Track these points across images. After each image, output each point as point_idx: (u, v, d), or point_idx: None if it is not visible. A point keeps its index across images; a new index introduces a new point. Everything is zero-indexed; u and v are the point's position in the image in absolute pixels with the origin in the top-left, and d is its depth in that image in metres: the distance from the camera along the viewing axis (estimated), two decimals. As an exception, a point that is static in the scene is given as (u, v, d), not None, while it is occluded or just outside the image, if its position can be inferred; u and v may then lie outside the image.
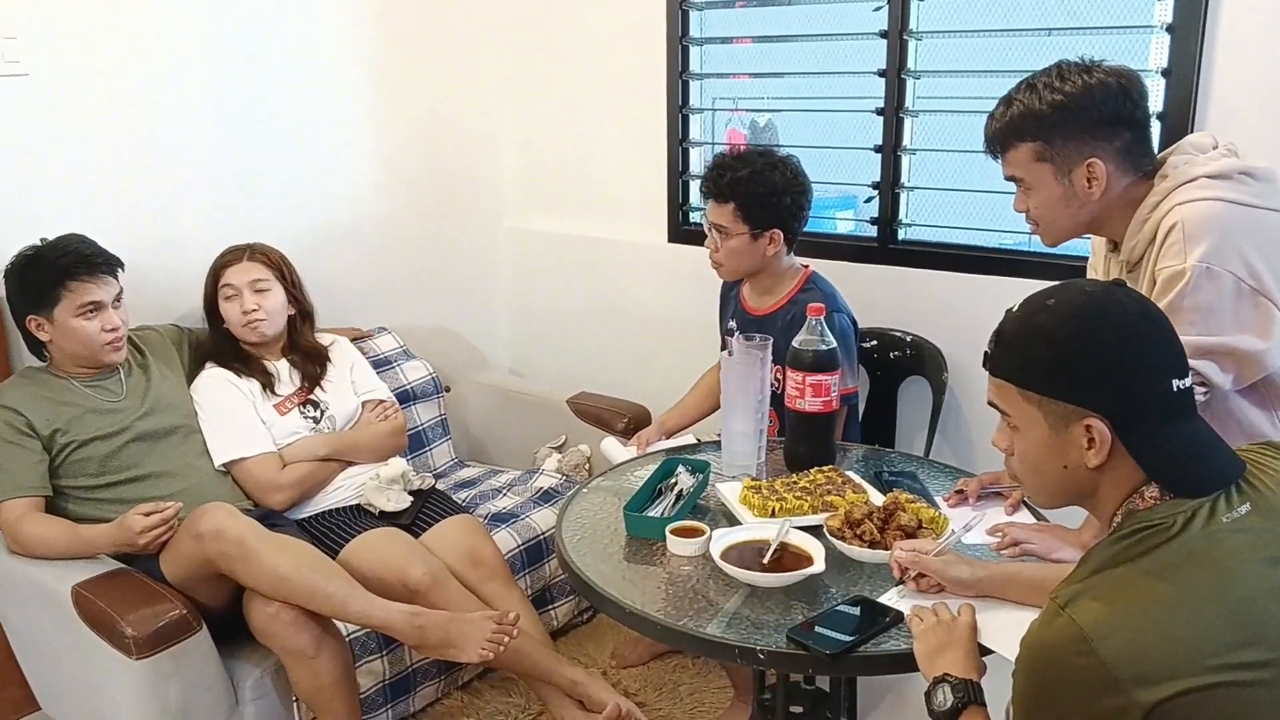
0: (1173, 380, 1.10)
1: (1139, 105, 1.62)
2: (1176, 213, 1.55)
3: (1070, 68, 1.62)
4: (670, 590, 1.60)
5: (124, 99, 2.41)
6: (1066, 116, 1.59)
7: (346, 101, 2.92)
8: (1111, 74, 1.60)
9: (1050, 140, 1.61)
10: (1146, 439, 1.11)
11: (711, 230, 2.29)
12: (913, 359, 2.57)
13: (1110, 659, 0.98)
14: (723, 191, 2.24)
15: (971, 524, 1.69)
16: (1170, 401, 1.10)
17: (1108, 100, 1.59)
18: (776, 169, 2.23)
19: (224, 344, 2.40)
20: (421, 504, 2.42)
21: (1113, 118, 1.60)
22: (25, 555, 2.02)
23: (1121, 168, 1.61)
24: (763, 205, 2.22)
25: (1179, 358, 1.12)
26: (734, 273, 2.35)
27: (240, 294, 2.36)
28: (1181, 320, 1.49)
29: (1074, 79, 1.60)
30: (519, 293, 3.48)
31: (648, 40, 2.94)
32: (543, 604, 2.55)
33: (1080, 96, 1.59)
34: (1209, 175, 1.58)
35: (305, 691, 2.02)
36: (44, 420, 2.08)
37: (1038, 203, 1.67)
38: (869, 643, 1.43)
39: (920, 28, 2.50)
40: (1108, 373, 1.10)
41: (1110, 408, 1.10)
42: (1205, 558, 1.04)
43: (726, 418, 2.00)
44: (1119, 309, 1.12)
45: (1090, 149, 1.60)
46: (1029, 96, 1.63)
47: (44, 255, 2.11)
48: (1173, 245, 1.53)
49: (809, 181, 2.30)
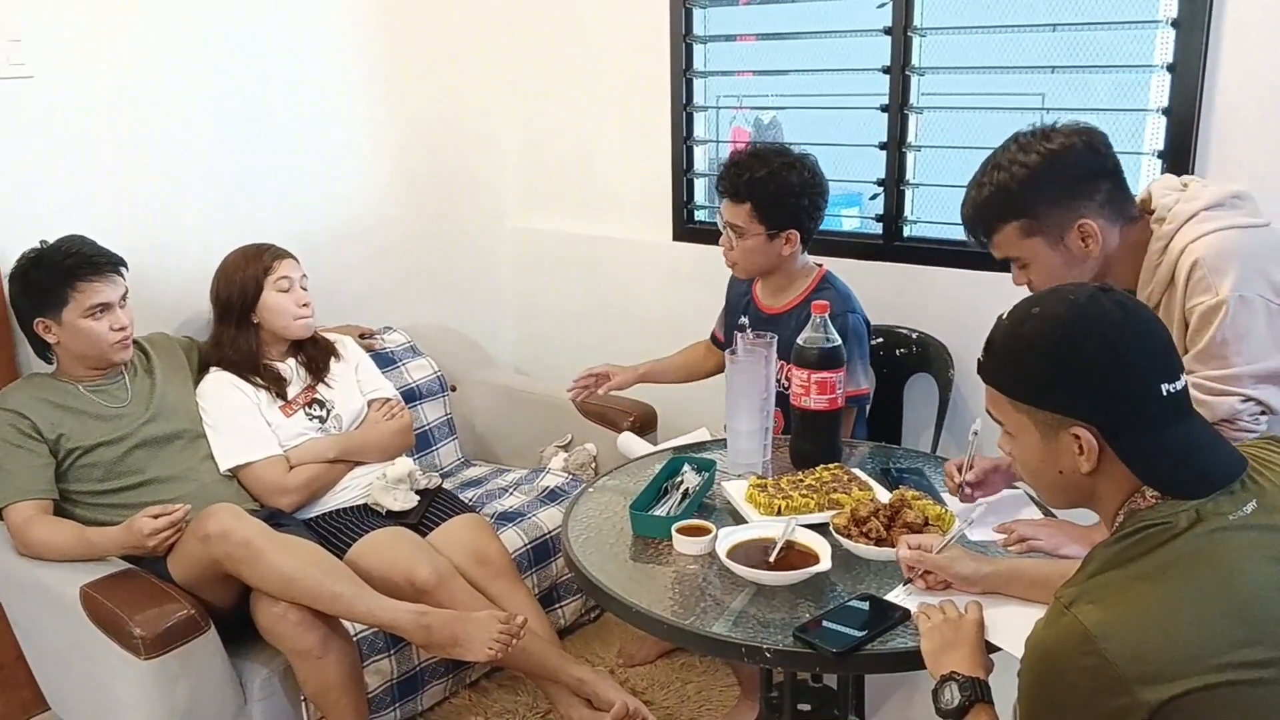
0: (1161, 385, 1.09)
1: (1108, 155, 1.64)
2: (1191, 251, 1.56)
3: (1028, 139, 1.63)
4: (676, 589, 1.60)
5: (126, 101, 2.42)
6: (1043, 186, 1.60)
7: (348, 101, 2.92)
8: (1071, 134, 1.62)
9: (1034, 214, 1.62)
10: (1136, 445, 1.11)
11: (726, 229, 2.25)
12: (919, 356, 2.57)
13: (1115, 659, 0.98)
14: (739, 191, 2.20)
15: (972, 516, 1.69)
16: (1161, 407, 1.09)
17: (1078, 160, 1.60)
18: (794, 169, 2.20)
19: (245, 345, 2.35)
20: (428, 503, 2.42)
21: (1088, 174, 1.61)
22: (33, 558, 2.02)
23: (1110, 218, 1.63)
24: (780, 206, 2.19)
25: (1168, 362, 1.11)
26: (748, 271, 2.33)
27: (294, 287, 2.37)
28: (1228, 351, 1.52)
29: (1037, 148, 1.61)
30: (523, 291, 3.48)
31: (651, 38, 2.94)
32: (549, 603, 2.55)
33: (1050, 163, 1.60)
34: (1206, 207, 1.59)
35: (313, 691, 2.02)
36: (49, 424, 2.08)
37: (1038, 274, 1.68)
38: (876, 640, 1.43)
39: (924, 24, 2.49)
40: (1091, 382, 1.10)
41: (1096, 416, 1.11)
42: (1209, 556, 1.04)
43: (732, 416, 2.00)
44: (1102, 316, 1.11)
45: (1076, 210, 1.61)
46: (998, 176, 1.63)
47: (49, 257, 2.11)
48: (1199, 282, 1.54)
49: (826, 181, 2.27)
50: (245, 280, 2.35)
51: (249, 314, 2.36)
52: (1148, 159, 2.26)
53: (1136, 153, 2.28)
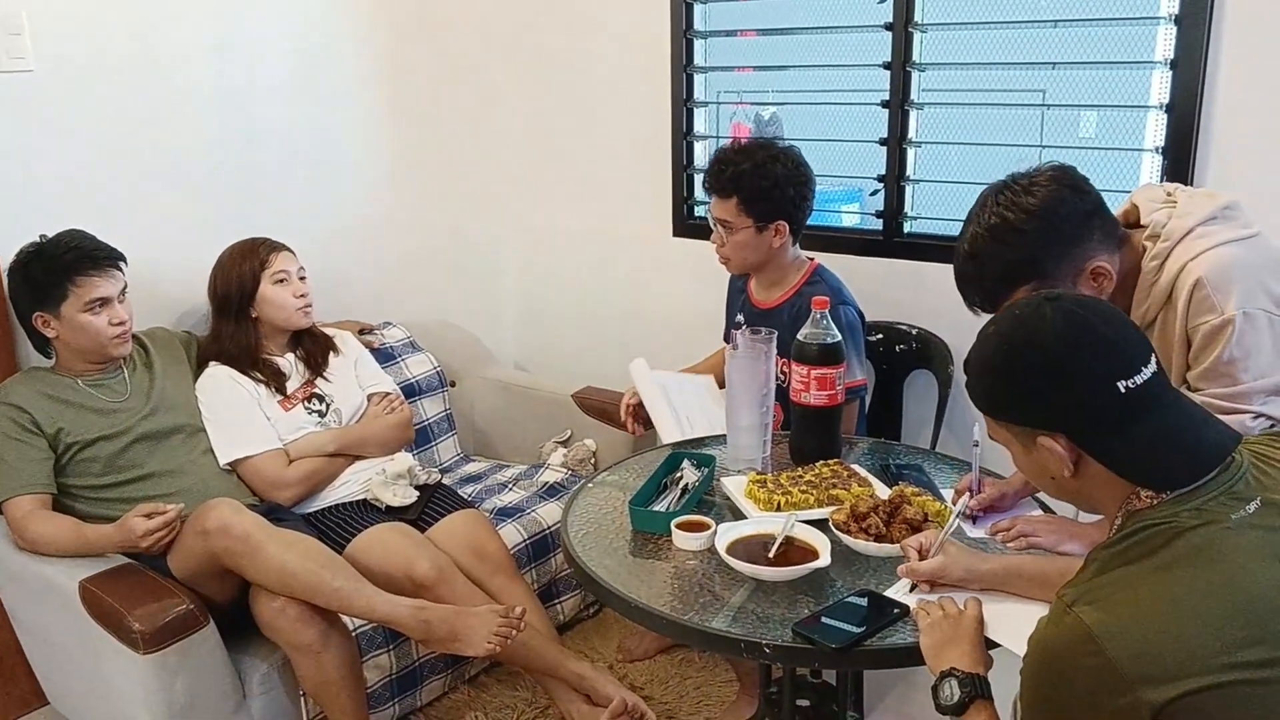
0: (1118, 383, 1.09)
1: (1090, 190, 1.61)
2: (1191, 269, 1.55)
3: (1010, 197, 1.58)
4: (676, 584, 1.60)
5: (126, 95, 2.41)
6: (1048, 245, 1.57)
7: (350, 95, 2.92)
8: (1051, 181, 1.58)
9: (1044, 271, 1.57)
10: (1107, 445, 1.12)
11: (716, 225, 2.28)
12: (918, 352, 2.57)
13: (1118, 658, 0.98)
14: (725, 186, 2.23)
15: (964, 509, 1.69)
16: (1123, 404, 1.09)
17: (1072, 210, 1.57)
18: (778, 161, 2.22)
19: (244, 339, 2.37)
20: (427, 499, 2.42)
21: (1083, 218, 1.58)
22: (31, 553, 2.02)
23: (1110, 249, 1.61)
24: (766, 198, 2.21)
25: (1123, 359, 1.10)
26: (741, 267, 2.34)
27: (291, 279, 2.37)
28: (1235, 370, 1.52)
29: (1025, 206, 1.56)
30: (523, 287, 3.48)
31: (651, 34, 2.93)
32: (549, 598, 2.55)
33: (1047, 220, 1.56)
34: (1202, 223, 1.58)
35: (312, 686, 2.02)
36: (48, 419, 2.08)
37: None
38: (875, 636, 1.43)
39: (925, 20, 2.49)
40: (1042, 392, 1.13)
41: (1058, 423, 1.13)
42: (1212, 555, 1.03)
43: (731, 412, 2.00)
44: (1043, 326, 1.13)
45: (1083, 255, 1.58)
46: (995, 246, 1.59)
47: (48, 252, 2.10)
48: (1203, 301, 1.54)
49: (811, 172, 2.29)
50: (243, 275, 2.36)
51: (247, 308, 2.37)
52: (1149, 155, 2.26)
53: (1138, 149, 2.28)
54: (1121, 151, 2.34)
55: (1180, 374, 1.60)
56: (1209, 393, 1.55)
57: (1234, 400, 1.53)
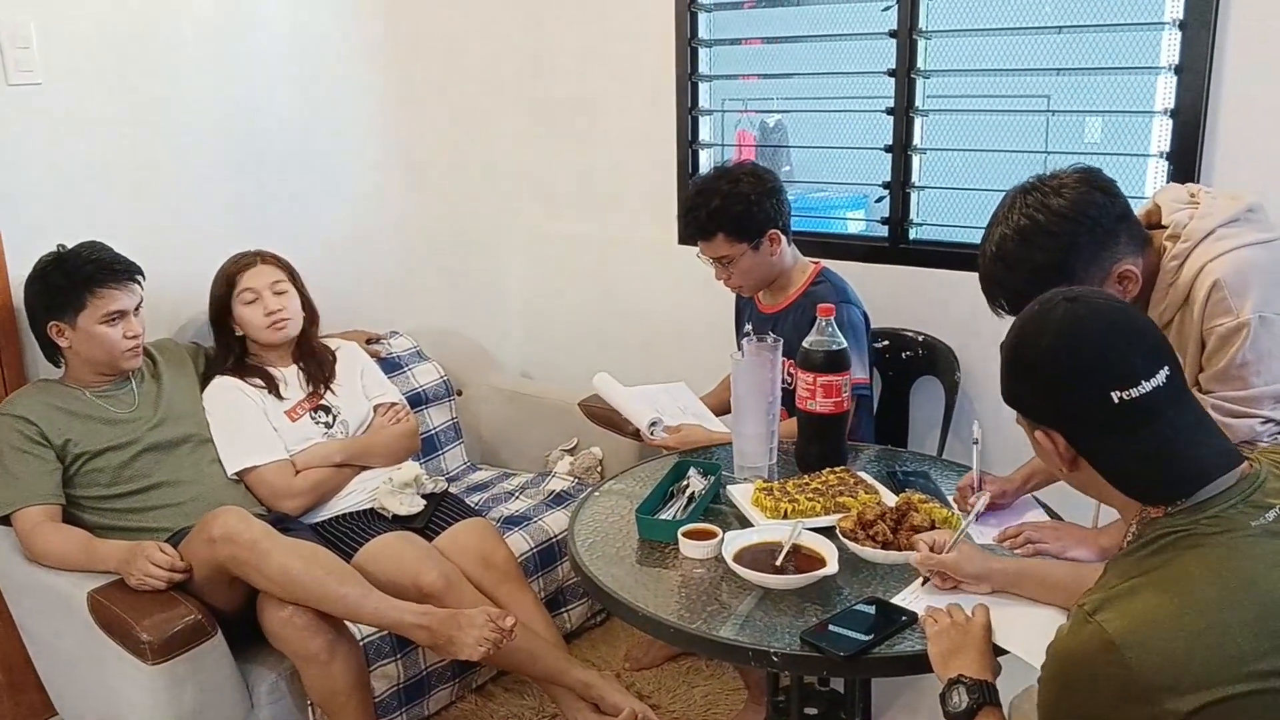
0: (1111, 393, 1.08)
1: (1118, 192, 1.59)
2: (1210, 271, 1.54)
3: (1040, 200, 1.55)
4: (683, 593, 1.60)
5: (133, 107, 2.42)
6: (1081, 250, 1.54)
7: (355, 106, 2.93)
8: (1079, 182, 1.56)
9: (1072, 274, 1.53)
10: (1097, 450, 1.12)
11: (714, 265, 2.31)
12: (925, 359, 2.56)
13: (1140, 668, 0.97)
14: (706, 228, 2.25)
15: (979, 509, 1.68)
16: (1114, 414, 1.08)
17: (1102, 212, 1.55)
18: (739, 181, 2.24)
19: (231, 352, 2.40)
20: (434, 507, 2.42)
21: (1112, 221, 1.56)
22: (40, 564, 2.03)
23: (1136, 251, 1.58)
24: (748, 218, 2.24)
25: (1119, 369, 1.09)
26: (756, 287, 2.37)
27: (261, 297, 2.37)
28: (1248, 373, 1.51)
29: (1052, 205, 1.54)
30: (529, 296, 3.48)
31: (657, 42, 2.94)
32: (556, 607, 2.55)
33: (1079, 224, 1.54)
34: (1224, 224, 1.57)
35: (319, 696, 2.02)
36: (56, 430, 2.09)
37: None
38: (883, 644, 1.43)
39: (930, 27, 2.49)
40: (1035, 388, 1.15)
41: (1055, 421, 1.14)
42: (1232, 565, 1.03)
43: (737, 420, 2.00)
44: (1047, 326, 1.14)
45: (1111, 258, 1.56)
46: (1024, 249, 1.56)
47: (70, 261, 2.11)
48: (1220, 303, 1.53)
49: (772, 172, 2.31)
50: (218, 298, 2.40)
51: (230, 327, 2.40)
52: (1154, 161, 2.26)
53: (1143, 155, 2.28)
54: (1127, 157, 2.34)
55: (1193, 375, 1.60)
56: (1220, 395, 1.54)
57: (1244, 404, 1.52)
